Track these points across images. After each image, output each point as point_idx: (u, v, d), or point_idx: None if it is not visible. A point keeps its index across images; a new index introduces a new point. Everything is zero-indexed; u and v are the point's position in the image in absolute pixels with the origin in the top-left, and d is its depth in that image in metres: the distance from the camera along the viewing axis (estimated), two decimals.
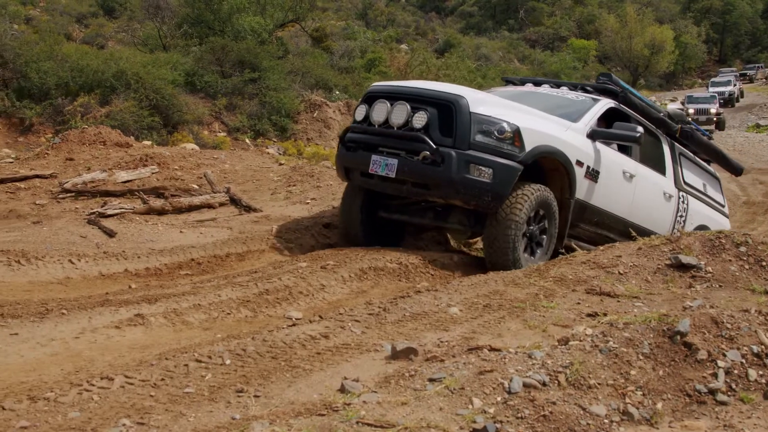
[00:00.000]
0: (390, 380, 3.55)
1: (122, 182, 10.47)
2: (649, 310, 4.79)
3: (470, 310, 5.01)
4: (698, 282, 5.48)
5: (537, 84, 9.65)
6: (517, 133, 6.87)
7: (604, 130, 8.06)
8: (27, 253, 6.60)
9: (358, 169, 7.49)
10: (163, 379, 3.66)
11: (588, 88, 9.07)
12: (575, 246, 8.00)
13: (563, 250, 7.83)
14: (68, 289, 6.00)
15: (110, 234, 7.66)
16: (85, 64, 22.12)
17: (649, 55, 59.35)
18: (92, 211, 8.61)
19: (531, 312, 4.92)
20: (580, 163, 7.58)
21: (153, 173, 10.97)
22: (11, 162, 14.19)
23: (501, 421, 3.06)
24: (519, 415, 3.11)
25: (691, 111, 36.20)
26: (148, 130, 19.66)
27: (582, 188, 7.73)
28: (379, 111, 7.25)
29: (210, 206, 9.50)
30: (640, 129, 7.90)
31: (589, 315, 4.84)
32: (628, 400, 3.38)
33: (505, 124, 6.84)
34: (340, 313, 4.89)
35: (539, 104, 8.24)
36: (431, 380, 3.46)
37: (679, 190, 9.75)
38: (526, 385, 3.31)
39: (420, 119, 6.90)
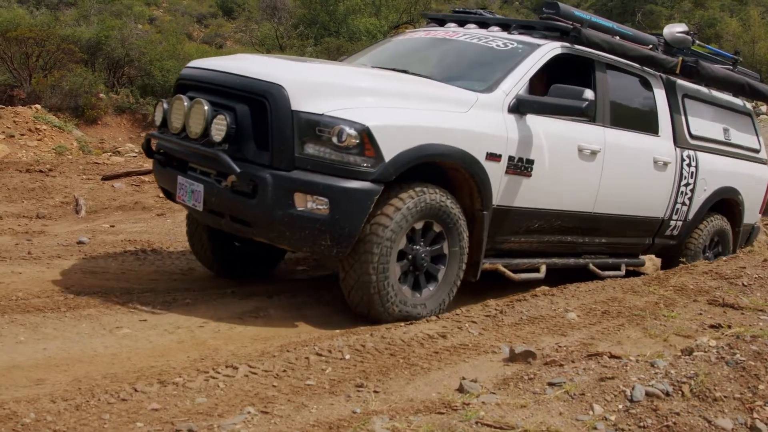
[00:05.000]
0: (509, 382, 3.55)
1: None
2: None
3: (588, 316, 4.95)
4: None
5: (462, 23, 6.81)
6: (366, 137, 4.62)
7: (536, 99, 5.65)
8: (152, 244, 6.88)
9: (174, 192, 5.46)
10: (285, 371, 3.75)
11: (529, 26, 6.49)
12: (503, 270, 5.72)
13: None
14: (191, 279, 6.21)
15: None
16: None
17: None
18: None
19: (651, 321, 4.83)
20: (494, 157, 5.31)
21: None
22: (135, 156, 14.82)
23: (622, 429, 3.02)
24: (641, 424, 3.05)
25: None
26: None
27: (504, 190, 5.49)
28: (176, 112, 5.17)
29: None
30: (589, 94, 5.54)
31: (712, 326, 4.71)
32: (755, 415, 3.27)
33: (345, 126, 4.58)
34: (457, 314, 4.92)
35: (439, 64, 6.21)
36: (551, 384, 3.44)
37: (683, 148, 7.24)
38: (648, 394, 3.25)
39: (219, 128, 4.77)
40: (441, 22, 7.10)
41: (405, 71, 5.78)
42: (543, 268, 6.01)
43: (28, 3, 28.33)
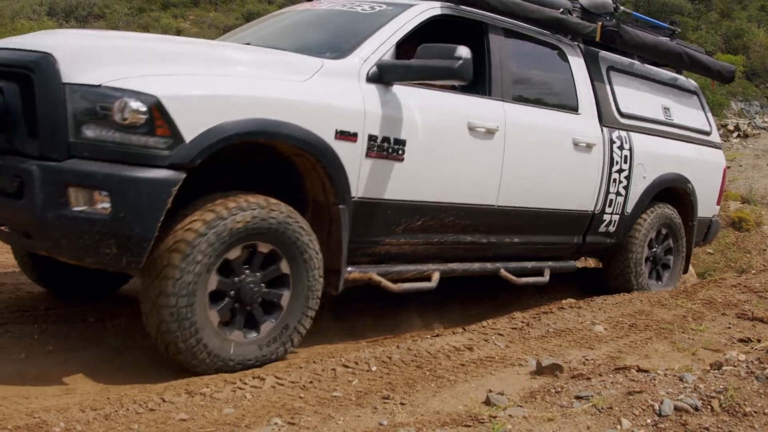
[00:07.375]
0: (536, 395, 3.53)
1: None
2: None
3: (615, 329, 4.92)
4: None
5: None
6: (156, 110, 3.57)
7: (399, 63, 4.59)
8: None
9: None
10: (311, 382, 3.75)
11: None
12: (378, 279, 4.68)
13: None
14: None
15: None
16: None
17: None
18: None
19: (679, 334, 4.79)
20: (347, 136, 4.28)
21: None
22: None
23: None
24: None
25: None
26: None
27: (367, 178, 4.45)
28: None
29: None
30: (463, 51, 4.41)
31: (741, 340, 4.67)
32: None
33: (128, 98, 3.53)
34: (483, 326, 4.90)
35: (298, 36, 5.26)
36: (578, 398, 3.42)
37: (612, 128, 6.21)
38: (677, 409, 3.22)
39: None
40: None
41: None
42: (436, 276, 5.03)
43: (58, 16, 28.64)
